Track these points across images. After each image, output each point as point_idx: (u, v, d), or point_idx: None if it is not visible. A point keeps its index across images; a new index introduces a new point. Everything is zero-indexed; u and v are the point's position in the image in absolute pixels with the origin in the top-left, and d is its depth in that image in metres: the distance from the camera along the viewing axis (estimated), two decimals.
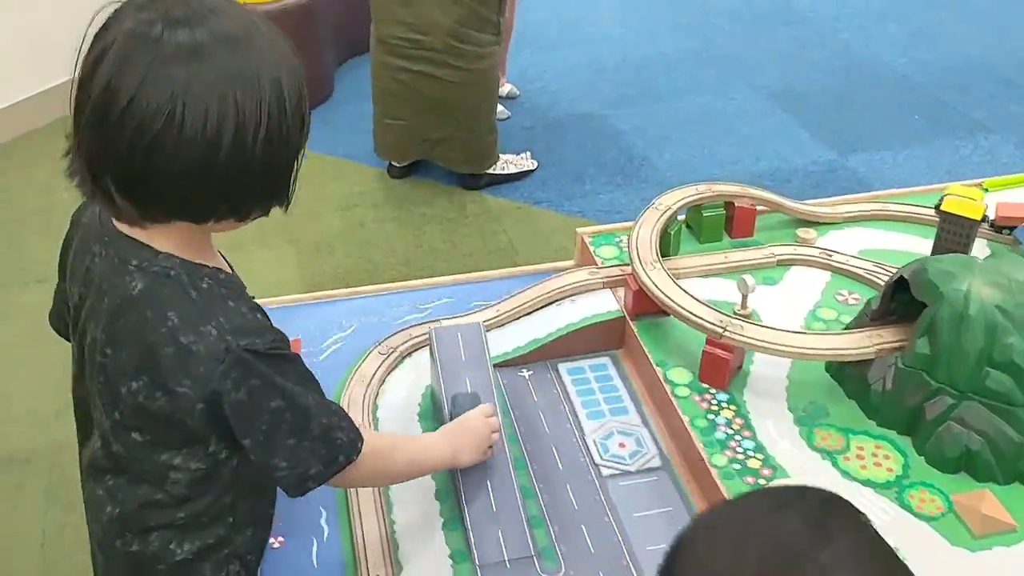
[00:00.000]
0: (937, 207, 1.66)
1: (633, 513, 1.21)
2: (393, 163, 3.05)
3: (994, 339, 1.15)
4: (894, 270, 1.51)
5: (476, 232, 2.79)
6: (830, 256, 1.55)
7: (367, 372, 1.41)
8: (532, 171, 3.06)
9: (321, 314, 1.54)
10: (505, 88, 3.40)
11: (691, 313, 1.32)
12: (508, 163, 3.03)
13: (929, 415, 1.19)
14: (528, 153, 3.13)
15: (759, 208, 1.62)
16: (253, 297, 0.95)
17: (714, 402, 1.30)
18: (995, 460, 1.15)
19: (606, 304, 1.49)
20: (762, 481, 1.17)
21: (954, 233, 1.50)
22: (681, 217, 1.60)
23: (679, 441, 1.28)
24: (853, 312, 1.45)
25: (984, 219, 1.50)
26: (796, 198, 1.67)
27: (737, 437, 1.24)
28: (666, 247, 1.53)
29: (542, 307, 1.51)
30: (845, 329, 1.36)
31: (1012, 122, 3.39)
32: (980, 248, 1.54)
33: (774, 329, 1.29)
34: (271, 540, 1.13)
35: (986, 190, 1.76)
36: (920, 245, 1.60)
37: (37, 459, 2.07)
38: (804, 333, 1.29)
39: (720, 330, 1.29)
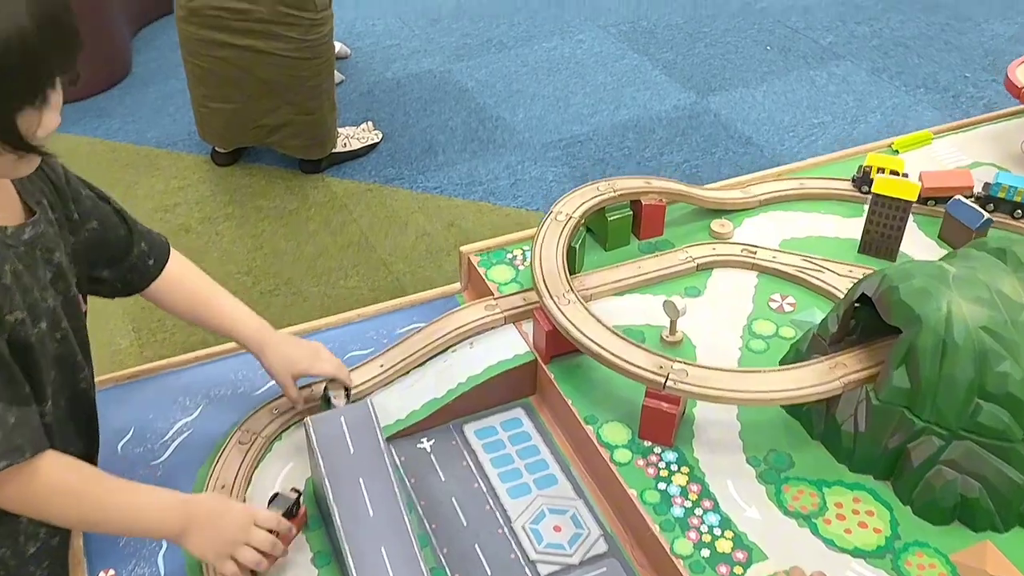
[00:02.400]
0: (854, 180, 1.50)
1: None
2: (218, 148, 2.67)
3: (985, 368, 0.98)
4: (826, 264, 1.34)
5: (323, 225, 2.47)
6: (754, 254, 1.36)
7: (229, 470, 1.12)
8: (377, 144, 2.75)
9: (155, 392, 1.24)
10: (335, 47, 3.03)
11: (625, 361, 1.09)
12: (350, 138, 2.71)
13: (915, 459, 1.02)
14: (370, 123, 2.81)
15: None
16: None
17: (661, 465, 1.08)
18: (995, 506, 0.99)
19: (511, 345, 1.24)
20: (737, 570, 0.97)
21: (888, 216, 1.33)
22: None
23: (627, 519, 1.06)
24: (791, 322, 1.26)
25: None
26: (663, 149, 1.46)
27: (697, 511, 1.03)
28: (571, 264, 1.29)
29: (436, 355, 1.25)
30: (793, 351, 1.18)
31: (860, 46, 3.32)
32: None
33: (722, 371, 1.09)
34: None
35: (896, 152, 1.60)
36: (846, 227, 1.43)
37: None
38: (757, 372, 1.09)
39: (661, 380, 1.07)
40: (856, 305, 1.11)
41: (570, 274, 1.24)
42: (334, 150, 2.65)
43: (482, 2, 3.56)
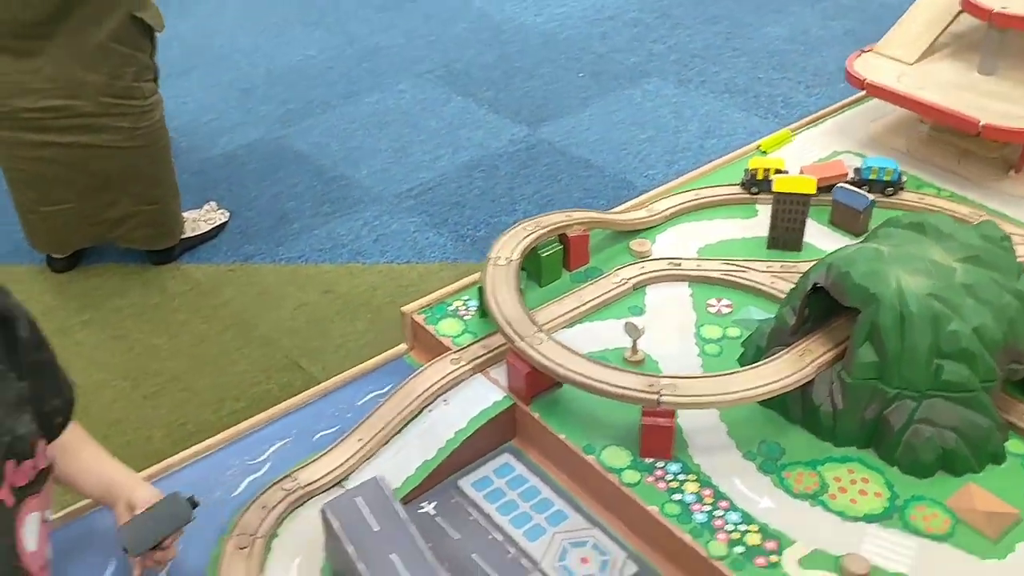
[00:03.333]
0: (743, 183, 1.62)
1: None
2: (54, 255, 2.49)
3: (939, 330, 1.10)
4: (746, 264, 1.44)
5: (195, 314, 2.36)
6: (679, 265, 1.44)
7: None
8: (226, 223, 2.66)
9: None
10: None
11: (615, 386, 1.13)
12: (196, 221, 2.60)
13: (894, 423, 1.12)
14: (213, 203, 2.71)
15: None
16: None
17: (669, 478, 1.13)
18: (969, 451, 1.11)
19: (486, 393, 1.26)
20: (773, 558, 1.03)
21: (790, 211, 1.45)
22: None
23: (651, 536, 1.10)
24: (733, 323, 1.35)
25: None
26: (512, 183, 1.51)
27: (718, 512, 1.08)
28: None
29: (412, 419, 1.24)
30: (752, 348, 1.26)
31: (662, 63, 3.54)
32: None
33: (706, 377, 1.15)
34: None
35: (764, 152, 1.74)
36: (747, 227, 1.54)
37: None
38: (738, 373, 1.16)
39: (655, 397, 1.12)
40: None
41: None
42: (183, 235, 2.55)
43: (291, 63, 3.52)
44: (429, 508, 1.18)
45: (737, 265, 1.43)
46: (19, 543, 0.89)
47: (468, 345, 1.31)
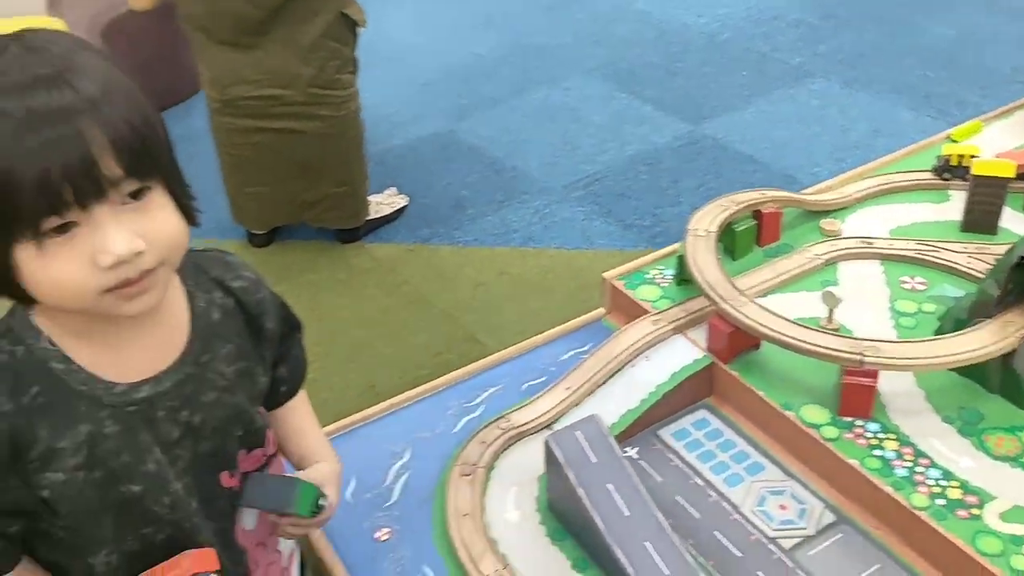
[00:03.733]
0: (935, 169, 1.64)
1: None
2: (254, 231, 2.72)
3: None
4: (939, 244, 1.47)
5: (378, 289, 2.53)
6: (871, 244, 1.49)
7: (462, 501, 1.19)
8: (405, 207, 2.84)
9: (358, 445, 1.30)
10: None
11: (819, 346, 1.20)
12: (379, 204, 2.78)
13: None
14: (393, 189, 2.89)
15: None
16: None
17: (868, 435, 1.19)
18: None
19: (686, 352, 1.34)
20: (975, 511, 1.08)
21: (988, 194, 1.48)
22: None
23: (848, 489, 1.16)
24: (928, 298, 1.39)
25: None
26: (676, 176, 1.56)
27: (919, 469, 1.13)
28: None
29: (615, 373, 1.34)
30: (951, 321, 1.30)
31: (825, 62, 3.54)
32: None
33: (909, 343, 1.20)
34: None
35: (955, 141, 1.76)
36: (939, 211, 1.57)
37: None
38: (939, 339, 1.20)
39: (858, 357, 1.18)
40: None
41: None
42: (367, 218, 2.73)
43: (461, 61, 3.69)
44: (632, 453, 1.27)
45: (930, 245, 1.47)
46: (238, 523, 0.96)
47: (667, 308, 1.40)
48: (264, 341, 0.96)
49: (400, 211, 2.81)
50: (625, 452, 1.27)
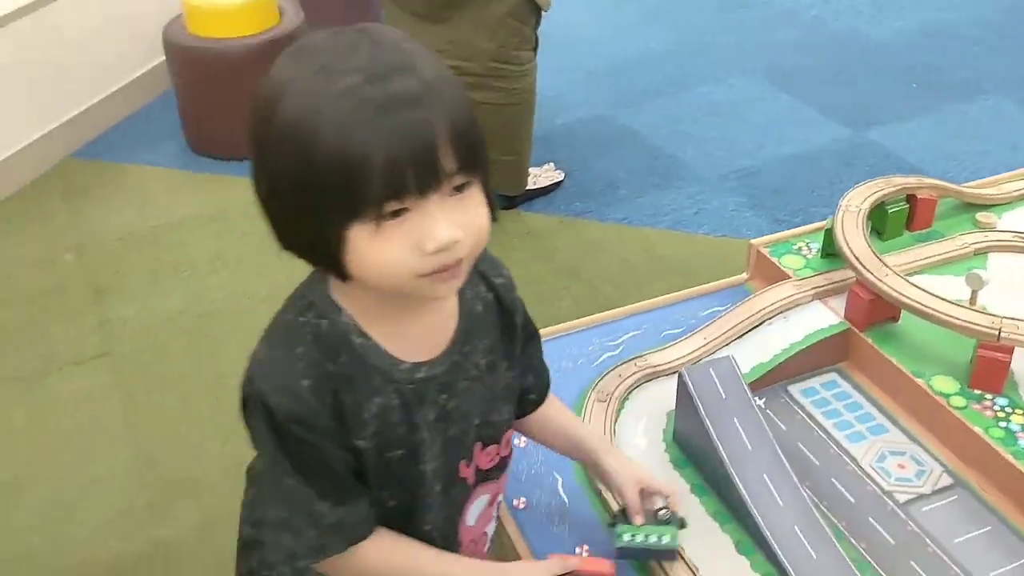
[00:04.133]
0: None
1: (954, 539, 1.13)
2: None
3: None
4: None
5: (529, 254, 2.66)
6: None
7: (596, 422, 1.29)
8: (561, 182, 2.96)
9: None
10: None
11: (957, 319, 1.24)
12: (537, 176, 2.92)
13: None
14: (551, 164, 3.02)
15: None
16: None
17: (996, 408, 1.22)
18: None
19: (823, 316, 1.40)
20: None
21: None
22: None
23: (969, 456, 1.20)
24: None
25: None
26: (834, 177, 1.59)
27: None
28: None
29: (751, 329, 1.41)
30: None
31: (1001, 79, 3.45)
32: None
33: None
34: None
35: None
36: None
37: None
38: None
39: (995, 332, 1.22)
40: None
41: None
42: (526, 187, 2.86)
43: (631, 54, 3.79)
44: (760, 403, 1.34)
45: None
46: (462, 516, 0.98)
47: (810, 276, 1.46)
48: (514, 339, 0.98)
49: (556, 185, 2.94)
50: (755, 402, 1.35)
